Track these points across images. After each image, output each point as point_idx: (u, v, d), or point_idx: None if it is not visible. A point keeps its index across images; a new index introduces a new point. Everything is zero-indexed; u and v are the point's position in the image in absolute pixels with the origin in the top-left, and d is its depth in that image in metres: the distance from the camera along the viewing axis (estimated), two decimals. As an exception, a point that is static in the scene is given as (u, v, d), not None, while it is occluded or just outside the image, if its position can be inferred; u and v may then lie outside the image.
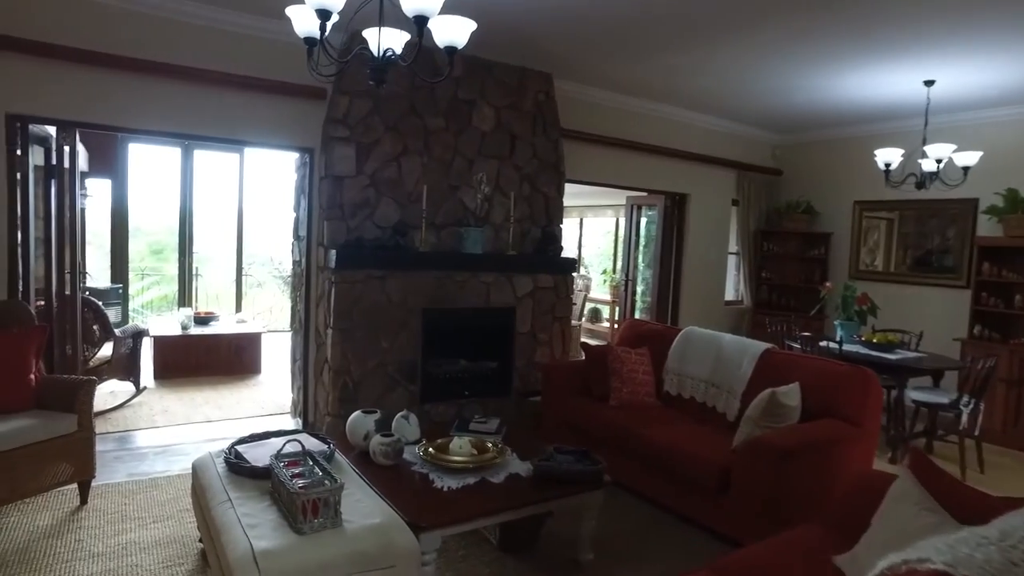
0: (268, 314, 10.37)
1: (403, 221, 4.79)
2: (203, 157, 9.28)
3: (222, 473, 2.77)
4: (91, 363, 5.33)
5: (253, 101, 4.58)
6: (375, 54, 2.56)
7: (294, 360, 5.36)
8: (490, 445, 3.22)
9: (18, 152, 4.04)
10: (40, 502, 3.55)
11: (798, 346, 5.43)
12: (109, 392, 5.84)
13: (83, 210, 8.71)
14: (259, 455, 2.86)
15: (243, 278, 9.63)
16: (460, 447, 3.11)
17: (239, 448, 2.94)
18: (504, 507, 2.79)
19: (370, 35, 2.63)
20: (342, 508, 2.41)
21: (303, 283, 4.99)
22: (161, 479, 3.92)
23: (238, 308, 9.39)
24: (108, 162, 8.58)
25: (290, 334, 5.45)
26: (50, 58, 3.97)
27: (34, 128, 4.22)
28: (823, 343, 5.28)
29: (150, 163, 9.69)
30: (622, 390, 4.35)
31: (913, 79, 5.05)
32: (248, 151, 9.40)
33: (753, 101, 6.22)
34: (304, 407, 5.01)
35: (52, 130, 4.37)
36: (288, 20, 2.68)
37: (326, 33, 2.53)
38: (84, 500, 3.59)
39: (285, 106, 4.68)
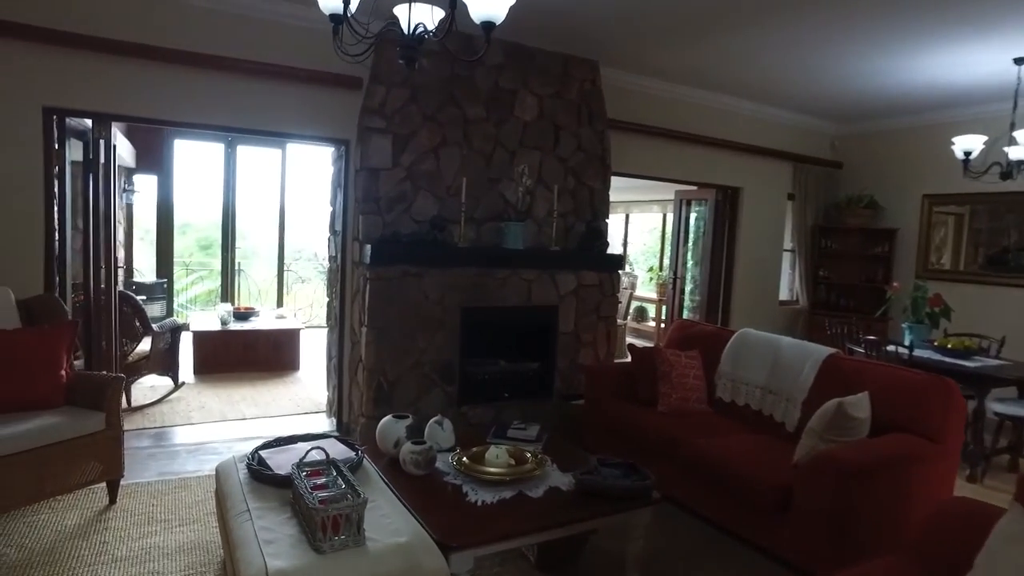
0: (309, 310, 10.35)
1: (441, 215, 4.59)
2: (246, 153, 9.28)
3: (243, 480, 2.61)
4: (130, 358, 5.29)
5: (288, 91, 4.44)
6: (405, 31, 2.35)
7: (329, 358, 5.23)
8: (529, 455, 2.99)
9: (55, 146, 3.99)
10: (70, 500, 3.48)
11: (861, 350, 5.04)
12: (149, 387, 5.82)
13: (130, 205, 8.83)
14: (283, 461, 2.70)
15: (285, 274, 9.61)
16: (497, 457, 2.89)
17: (263, 453, 2.78)
18: (543, 526, 2.56)
19: (400, 11, 2.43)
20: (367, 523, 2.21)
21: (338, 279, 4.84)
22: (191, 479, 3.82)
23: (279, 304, 9.37)
24: (155, 158, 8.66)
25: (327, 330, 5.32)
26: (86, 50, 3.90)
27: (73, 123, 4.17)
28: (890, 348, 4.89)
29: (195, 159, 9.76)
30: (671, 395, 4.07)
31: (1000, 58, 4.59)
32: (290, 146, 9.39)
33: (811, 88, 5.82)
34: (339, 407, 4.87)
35: (89, 123, 4.30)
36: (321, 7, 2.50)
37: (350, 7, 2.33)
38: (113, 500, 3.50)
39: (321, 96, 4.53)
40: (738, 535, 3.37)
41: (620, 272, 5.40)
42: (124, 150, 7.57)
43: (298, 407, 5.56)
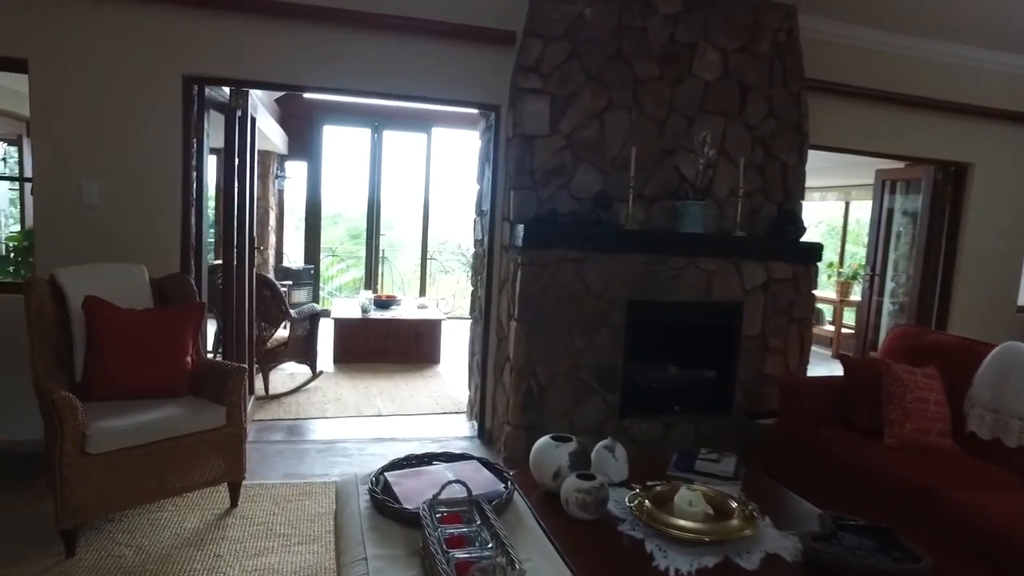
0: (452, 300, 10.03)
1: (605, 192, 3.87)
2: (392, 138, 9.09)
3: (364, 512, 2.05)
4: (268, 344, 5.06)
5: (432, 49, 3.91)
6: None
7: (472, 354, 4.69)
8: (734, 504, 2.20)
9: (194, 117, 3.71)
10: (194, 499, 3.15)
11: None
12: (289, 374, 5.61)
13: (281, 191, 8.90)
14: (414, 489, 2.11)
15: (428, 263, 9.32)
16: (691, 504, 2.13)
17: (390, 477, 2.21)
18: (769, 618, 1.78)
19: None
20: (520, 592, 1.56)
21: (484, 265, 4.27)
22: (317, 485, 3.39)
23: (422, 293, 9.11)
24: (305, 145, 8.65)
25: (470, 323, 4.79)
26: (225, 11, 3.59)
27: (213, 95, 3.89)
28: None
29: (343, 145, 9.74)
30: (904, 425, 3.09)
31: None
32: (436, 131, 9.07)
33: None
34: (481, 410, 4.30)
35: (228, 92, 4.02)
36: None
37: None
38: (234, 502, 3.13)
39: (468, 55, 3.96)
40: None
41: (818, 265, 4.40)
42: (276, 136, 7.55)
43: (436, 405, 5.09)
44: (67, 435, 2.53)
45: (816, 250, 4.26)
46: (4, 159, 7.32)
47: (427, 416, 4.82)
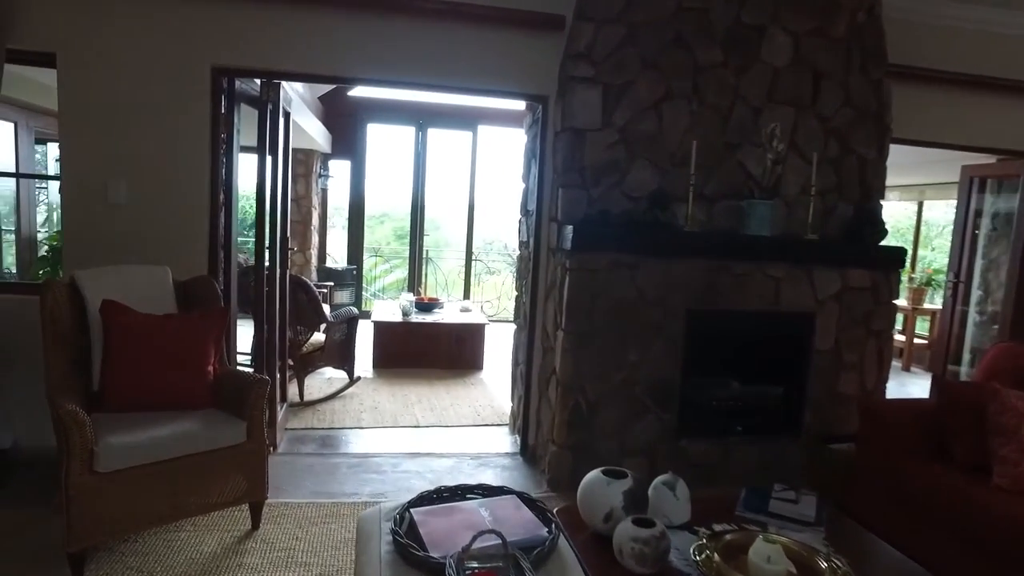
0: (496, 303, 9.76)
1: (663, 190, 3.53)
2: (436, 136, 8.88)
3: (385, 556, 1.77)
4: (304, 348, 4.87)
5: (475, 36, 3.63)
6: None
7: (515, 363, 4.39)
8: (823, 564, 1.84)
9: (223, 111, 3.51)
10: (214, 519, 2.93)
11: None
12: (326, 379, 5.42)
13: (324, 190, 8.78)
14: (443, 531, 1.82)
15: (472, 264, 9.08)
16: (769, 559, 1.78)
17: (417, 514, 1.92)
18: None
19: None
20: None
21: (529, 269, 3.96)
22: (345, 506, 3.13)
23: (466, 295, 8.86)
24: (348, 144, 8.51)
25: (514, 329, 4.50)
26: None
27: (243, 87, 3.69)
28: None
29: (387, 144, 9.57)
30: (1020, 464, 2.65)
31: None
32: (482, 129, 8.82)
33: None
34: (524, 424, 4.00)
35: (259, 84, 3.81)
36: None
37: None
38: (256, 524, 2.90)
39: (514, 42, 3.67)
40: None
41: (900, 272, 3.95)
42: (319, 134, 7.41)
43: (477, 416, 4.81)
44: (74, 452, 2.34)
45: (899, 256, 3.82)
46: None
47: (467, 428, 4.54)
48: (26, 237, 5.63)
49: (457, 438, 4.30)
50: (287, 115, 4.01)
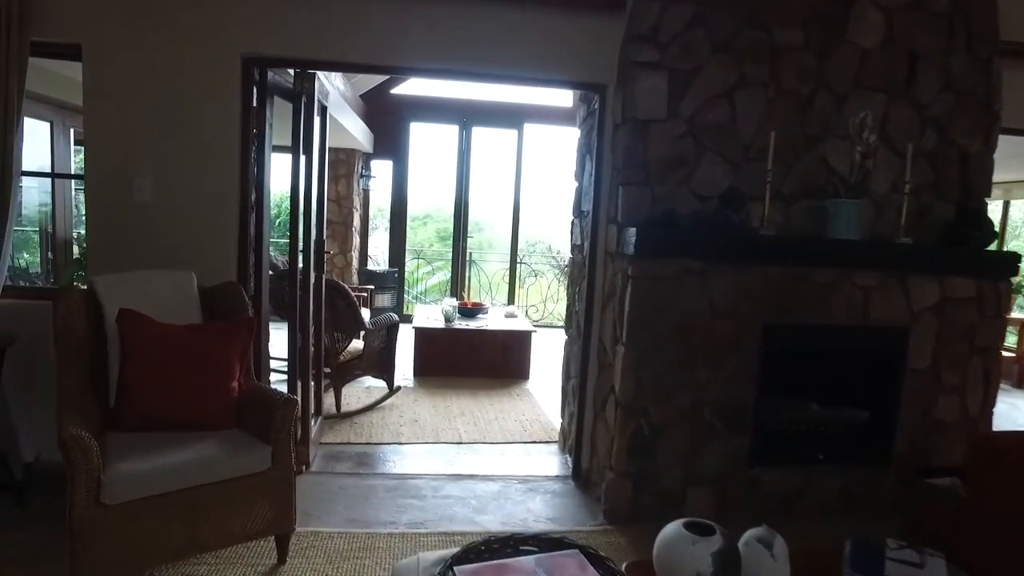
0: (541, 307, 9.43)
1: (735, 188, 3.14)
2: (481, 135, 8.58)
3: (424, 633, 1.45)
4: (342, 357, 4.61)
5: (526, 19, 3.29)
6: None
7: (567, 377, 4.05)
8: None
9: (254, 104, 3.26)
10: (236, 553, 2.65)
11: None
12: (365, 388, 5.17)
13: (367, 191, 8.57)
14: (493, 602, 1.49)
15: (517, 267, 8.75)
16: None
17: (461, 574, 1.60)
18: None
19: None
20: None
21: (584, 276, 3.61)
22: (380, 538, 2.83)
23: (510, 299, 8.55)
24: (391, 143, 8.28)
25: (564, 337, 4.14)
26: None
27: (278, 80, 3.43)
28: None
29: (430, 143, 9.33)
30: None
31: None
32: (528, 128, 8.48)
33: None
34: (576, 445, 3.65)
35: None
36: None
37: None
38: (282, 558, 2.62)
39: (569, 25, 3.33)
40: None
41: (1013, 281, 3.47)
42: (360, 133, 7.19)
43: (524, 431, 4.48)
44: (78, 482, 2.08)
45: (1011, 262, 3.34)
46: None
47: (513, 445, 4.21)
48: (61, 239, 5.52)
49: (503, 457, 3.98)
50: (324, 110, 3.75)
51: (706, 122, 3.16)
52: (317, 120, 3.48)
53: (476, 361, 5.89)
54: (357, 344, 4.75)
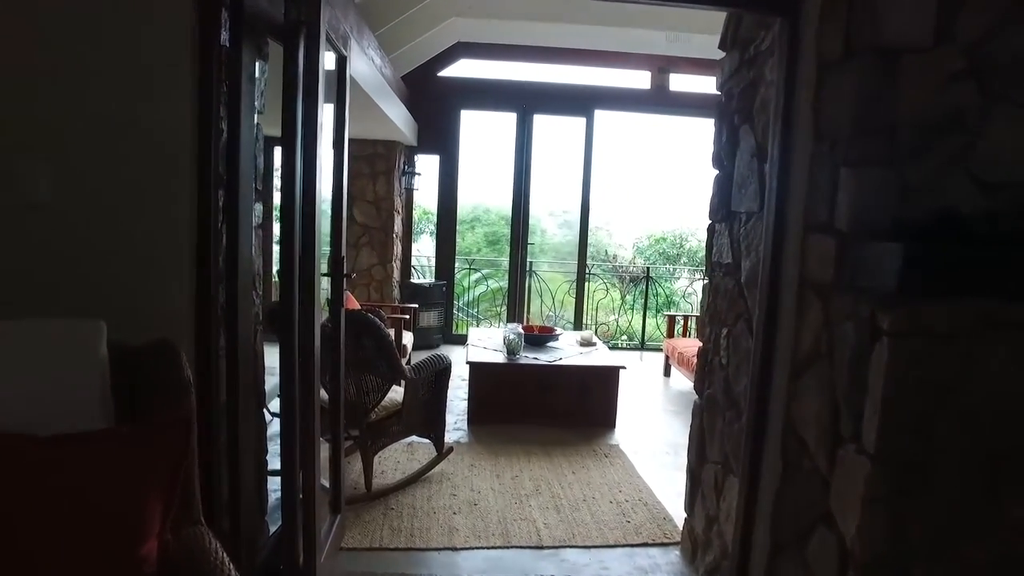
0: (612, 324, 8.09)
1: (1058, 168, 1.77)
2: (543, 124, 7.30)
3: None
4: (374, 413, 3.37)
5: None
6: None
7: (699, 457, 2.73)
8: None
9: (220, 48, 1.99)
10: None
11: None
12: (406, 445, 3.93)
13: (410, 190, 7.37)
14: None
15: (586, 282, 7.43)
16: None
17: None
18: None
19: None
20: None
21: (743, 313, 2.28)
22: None
23: (577, 320, 7.22)
24: (438, 135, 7.07)
25: (694, 400, 2.82)
26: None
27: (266, 7, 2.18)
28: None
29: (482, 135, 8.10)
30: None
31: None
32: (599, 115, 7.17)
33: None
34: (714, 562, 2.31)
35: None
36: None
37: None
38: None
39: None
40: None
41: None
42: (402, 121, 5.98)
43: (626, 522, 3.17)
44: None
45: None
46: None
47: (616, 552, 2.91)
48: None
49: (602, 570, 2.69)
50: (343, 62, 2.50)
51: (995, 51, 1.79)
52: (322, 70, 2.17)
53: (546, 403, 4.61)
54: (395, 395, 3.50)
